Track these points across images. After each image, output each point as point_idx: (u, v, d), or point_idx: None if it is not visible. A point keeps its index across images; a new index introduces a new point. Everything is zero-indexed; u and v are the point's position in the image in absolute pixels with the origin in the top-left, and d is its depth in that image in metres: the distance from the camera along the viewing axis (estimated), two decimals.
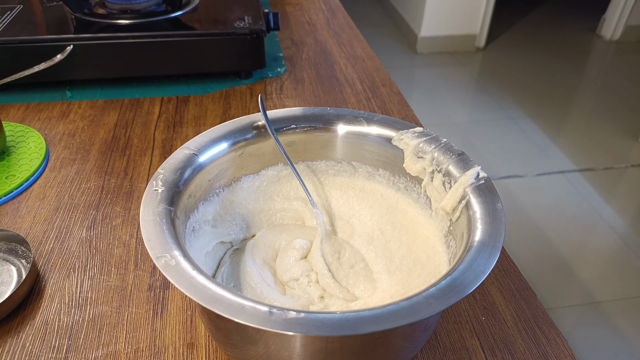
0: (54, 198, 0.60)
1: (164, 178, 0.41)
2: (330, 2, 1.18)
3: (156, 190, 0.40)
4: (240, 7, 0.87)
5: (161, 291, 0.49)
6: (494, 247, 0.35)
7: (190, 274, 0.33)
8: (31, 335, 0.45)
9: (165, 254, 0.34)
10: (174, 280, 0.32)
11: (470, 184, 0.41)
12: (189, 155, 0.44)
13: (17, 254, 0.51)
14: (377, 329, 0.29)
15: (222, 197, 0.48)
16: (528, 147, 2.17)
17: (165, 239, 0.36)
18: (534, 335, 0.46)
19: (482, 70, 2.82)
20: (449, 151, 0.44)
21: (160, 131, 0.72)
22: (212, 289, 0.32)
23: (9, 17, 0.81)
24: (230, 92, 0.82)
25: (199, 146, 0.45)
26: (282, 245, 0.48)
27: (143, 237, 0.36)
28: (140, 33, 0.77)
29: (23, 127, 0.70)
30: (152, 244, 0.35)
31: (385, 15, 3.48)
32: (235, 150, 0.47)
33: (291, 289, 0.45)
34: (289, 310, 0.30)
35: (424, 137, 0.46)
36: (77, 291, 0.49)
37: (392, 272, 0.46)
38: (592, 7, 3.41)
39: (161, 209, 0.38)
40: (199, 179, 0.44)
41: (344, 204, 0.52)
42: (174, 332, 0.45)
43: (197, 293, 0.31)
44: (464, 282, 0.32)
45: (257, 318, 0.30)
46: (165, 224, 0.37)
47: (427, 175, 0.45)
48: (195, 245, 0.44)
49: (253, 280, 0.44)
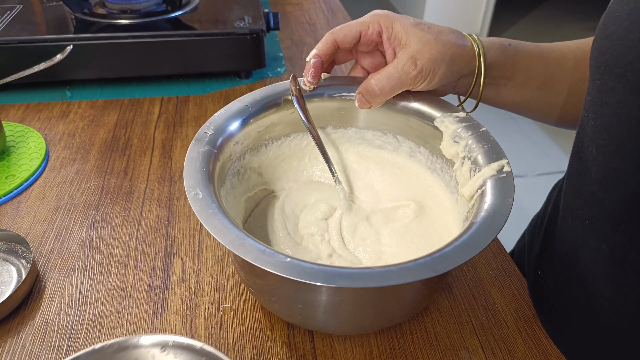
0: (53, 198, 0.60)
1: (216, 123, 0.46)
2: (330, 2, 1.18)
3: (206, 133, 0.45)
4: (240, 7, 0.87)
5: (161, 291, 0.49)
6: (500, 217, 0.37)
7: (211, 210, 0.37)
8: (31, 335, 0.45)
9: (197, 188, 0.39)
10: (196, 210, 0.37)
11: (491, 175, 0.41)
12: (242, 107, 0.48)
13: (17, 254, 0.51)
14: (354, 285, 0.33)
15: (270, 149, 0.52)
16: (528, 147, 2.17)
17: (200, 176, 0.40)
18: (534, 335, 0.46)
19: None
20: (483, 140, 0.45)
21: (160, 131, 0.72)
22: (224, 223, 0.36)
23: (8, 17, 0.81)
24: (230, 92, 0.82)
25: (253, 101, 0.49)
26: (310, 202, 0.52)
27: (184, 171, 0.40)
28: (140, 33, 0.77)
29: (23, 127, 0.70)
30: (188, 178, 0.40)
31: None
32: (286, 109, 0.50)
33: (306, 242, 0.49)
34: (278, 254, 0.34)
35: (464, 123, 0.47)
36: (77, 291, 0.49)
37: (401, 248, 0.47)
38: (592, 7, 3.41)
39: (206, 149, 0.43)
40: (248, 129, 0.48)
41: (379, 177, 0.54)
42: (173, 332, 0.45)
43: (211, 225, 0.36)
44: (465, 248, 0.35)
45: (251, 254, 0.34)
46: (205, 163, 0.42)
47: (459, 160, 0.46)
48: (239, 187, 0.49)
49: (276, 226, 0.49)
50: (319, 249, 0.47)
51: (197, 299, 0.48)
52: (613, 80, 0.36)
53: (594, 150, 0.39)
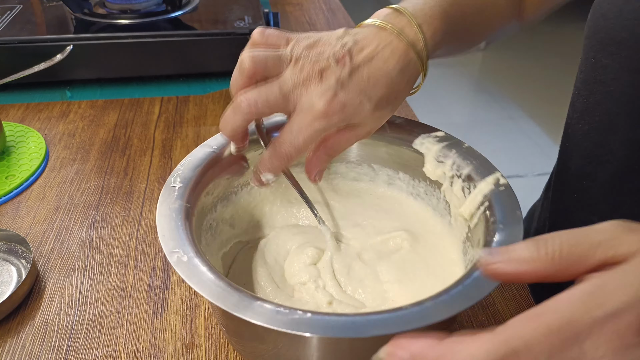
0: (53, 198, 0.60)
1: (183, 175, 0.42)
2: (330, 2, 1.18)
3: (174, 186, 0.40)
4: (240, 7, 0.87)
5: (161, 291, 0.49)
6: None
7: (201, 271, 0.33)
8: (31, 335, 0.45)
9: (178, 249, 0.35)
10: (184, 275, 0.32)
11: (489, 190, 0.40)
12: (209, 153, 0.44)
13: (17, 254, 0.51)
14: (380, 332, 0.29)
15: (240, 196, 0.48)
16: (528, 147, 2.17)
17: (179, 235, 0.36)
18: None
19: (482, 70, 2.82)
20: (470, 156, 0.44)
21: (160, 131, 0.72)
22: (222, 286, 0.32)
23: (8, 17, 0.81)
24: None
25: (219, 144, 0.45)
26: (292, 248, 0.47)
27: (158, 232, 0.36)
28: (140, 33, 0.77)
29: (23, 127, 0.70)
30: (166, 239, 0.35)
31: None
32: (255, 150, 0.47)
33: (299, 293, 0.45)
34: (295, 310, 0.30)
35: (445, 142, 0.45)
36: (77, 291, 0.49)
37: (404, 283, 0.45)
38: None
39: (177, 205, 0.39)
40: (217, 177, 0.44)
41: (361, 211, 0.51)
42: (173, 332, 0.45)
43: (206, 289, 0.32)
44: (477, 288, 0.32)
45: (264, 316, 0.30)
46: (181, 220, 0.37)
47: (446, 179, 0.45)
48: (213, 244, 0.44)
49: (262, 280, 0.44)
50: (316, 298, 0.43)
51: (197, 299, 0.48)
52: (607, 57, 0.37)
53: (585, 126, 0.40)
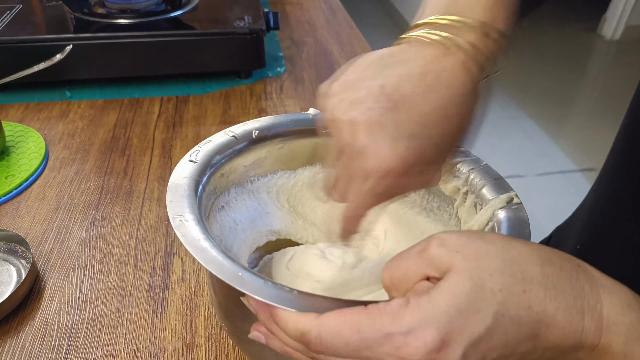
0: (53, 198, 0.60)
1: (201, 153, 0.42)
2: (330, 1, 1.18)
3: (191, 161, 0.41)
4: (240, 6, 0.87)
5: (161, 291, 0.49)
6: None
7: (198, 236, 0.34)
8: (31, 335, 0.45)
9: (182, 214, 0.36)
10: (183, 238, 0.34)
11: (500, 207, 0.39)
12: (229, 139, 0.45)
13: (17, 254, 0.51)
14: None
15: (255, 186, 0.49)
16: (528, 147, 2.17)
17: (184, 203, 0.37)
18: None
19: None
20: (486, 174, 0.43)
21: (160, 131, 0.72)
22: (214, 253, 0.33)
23: (8, 16, 0.81)
24: (230, 92, 0.82)
25: (241, 132, 0.46)
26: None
27: (166, 198, 0.37)
28: (139, 33, 0.77)
29: (22, 127, 0.70)
30: (173, 205, 0.36)
31: (385, 15, 3.48)
32: (275, 144, 0.47)
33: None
34: (283, 287, 0.30)
35: (463, 158, 0.45)
36: (76, 291, 0.49)
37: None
38: (593, 7, 3.41)
39: (191, 177, 0.40)
40: (235, 162, 0.45)
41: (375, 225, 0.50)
42: (173, 332, 0.45)
43: (200, 253, 0.33)
44: None
45: (250, 286, 0.30)
46: (191, 190, 0.38)
47: (460, 195, 0.44)
48: (221, 222, 0.45)
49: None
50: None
51: (197, 299, 0.48)
52: None
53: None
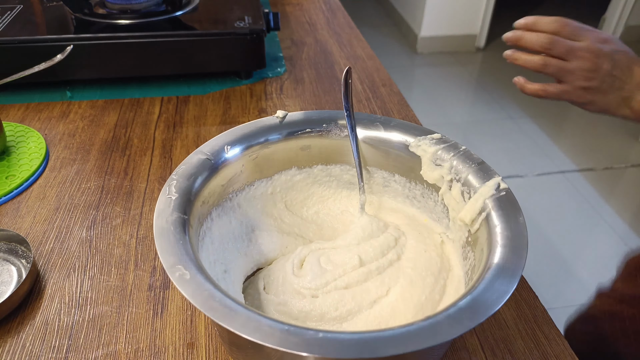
0: (54, 198, 0.60)
1: (178, 185, 0.40)
2: (330, 2, 1.18)
3: (170, 197, 0.39)
4: (240, 7, 0.87)
5: (161, 291, 0.49)
6: (515, 266, 0.34)
7: (204, 288, 0.32)
8: (31, 335, 0.45)
9: (179, 265, 0.34)
10: (188, 295, 0.31)
11: (490, 195, 0.40)
12: (203, 160, 0.43)
13: (17, 254, 0.51)
14: (397, 352, 0.28)
15: (235, 202, 0.48)
16: (528, 147, 2.17)
17: (179, 250, 0.35)
18: (534, 335, 0.46)
19: (482, 70, 2.82)
20: (468, 159, 0.43)
21: (160, 131, 0.72)
22: (228, 304, 0.31)
23: (9, 17, 0.81)
24: (230, 92, 0.82)
25: (213, 150, 0.44)
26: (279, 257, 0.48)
27: (157, 247, 0.35)
28: (140, 33, 0.77)
29: (23, 127, 0.70)
30: (166, 255, 0.34)
31: (385, 15, 3.48)
32: (249, 155, 0.46)
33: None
34: (307, 330, 0.29)
35: (442, 144, 0.45)
36: (77, 291, 0.49)
37: (404, 287, 0.43)
38: (592, 7, 3.41)
39: (175, 217, 0.38)
40: (212, 184, 0.43)
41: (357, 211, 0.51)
42: (174, 332, 0.45)
43: (211, 310, 0.31)
44: (485, 303, 0.31)
45: (274, 337, 0.29)
46: (179, 233, 0.36)
47: (445, 183, 0.44)
48: (206, 251, 0.44)
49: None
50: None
51: None
52: None
53: None
